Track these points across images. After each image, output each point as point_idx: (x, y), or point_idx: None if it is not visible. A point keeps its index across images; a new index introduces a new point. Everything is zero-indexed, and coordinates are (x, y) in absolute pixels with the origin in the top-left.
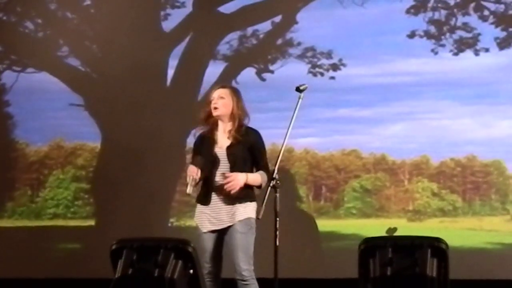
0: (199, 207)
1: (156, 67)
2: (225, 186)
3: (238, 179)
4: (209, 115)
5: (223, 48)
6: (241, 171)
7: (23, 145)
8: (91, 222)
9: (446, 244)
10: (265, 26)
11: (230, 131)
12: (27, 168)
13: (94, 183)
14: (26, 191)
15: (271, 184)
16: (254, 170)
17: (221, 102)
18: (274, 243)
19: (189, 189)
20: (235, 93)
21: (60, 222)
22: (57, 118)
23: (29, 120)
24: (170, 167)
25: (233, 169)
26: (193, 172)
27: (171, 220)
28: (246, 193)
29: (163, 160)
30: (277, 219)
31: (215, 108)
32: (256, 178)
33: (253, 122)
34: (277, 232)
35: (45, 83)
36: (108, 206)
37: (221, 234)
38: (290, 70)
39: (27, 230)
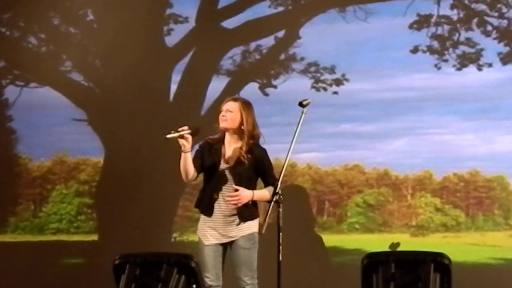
0: (203, 219)
1: (159, 82)
2: (231, 199)
3: (242, 196)
4: (218, 128)
5: (226, 63)
6: (247, 189)
7: (26, 160)
8: (94, 237)
9: (449, 259)
10: (268, 41)
11: (241, 148)
12: (30, 183)
13: (97, 198)
14: (29, 206)
15: (274, 199)
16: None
17: (229, 116)
18: (277, 258)
19: (170, 135)
20: (245, 107)
21: (63, 237)
22: (60, 133)
23: (32, 135)
24: (173, 182)
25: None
26: (184, 127)
27: (174, 235)
28: (249, 212)
29: (166, 175)
30: (280, 234)
31: (223, 120)
32: (263, 194)
33: None
34: (280, 247)
35: (48, 98)
36: (111, 221)
37: (224, 248)
38: (293, 85)
39: (29, 245)
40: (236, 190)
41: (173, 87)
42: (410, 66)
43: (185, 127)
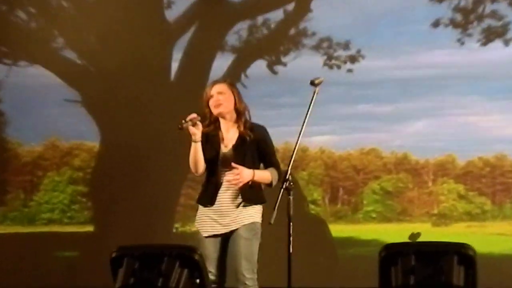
0: (201, 210)
1: (159, 60)
2: (232, 178)
3: (243, 175)
4: (210, 116)
5: (232, 38)
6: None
7: (15, 145)
8: (89, 228)
9: (474, 251)
10: (277, 15)
11: (238, 128)
12: (20, 170)
13: (93, 186)
14: (19, 194)
15: (284, 186)
16: (262, 167)
17: (222, 98)
18: (288, 250)
19: (179, 124)
20: (233, 85)
21: (55, 228)
22: (52, 115)
23: (22, 117)
24: (175, 169)
25: None
26: (194, 114)
27: (176, 225)
28: (254, 194)
29: (167, 161)
30: (291, 224)
31: (218, 105)
32: (264, 175)
33: (264, 119)
34: (291, 238)
35: (39, 78)
36: (108, 210)
37: (224, 239)
38: (304, 62)
39: (20, 236)
40: (236, 169)
41: (174, 65)
42: (431, 42)
43: (195, 115)
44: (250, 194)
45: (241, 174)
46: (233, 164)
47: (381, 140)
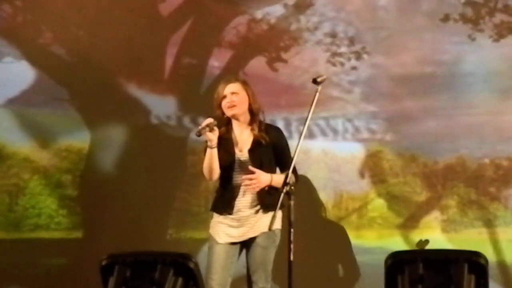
0: (217, 218)
1: (153, 56)
2: (248, 182)
3: (260, 180)
4: (222, 117)
5: (229, 34)
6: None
7: None
8: (78, 234)
9: (486, 259)
10: (277, 9)
11: (252, 131)
12: (4, 173)
13: (82, 190)
14: (3, 199)
15: (284, 190)
16: (278, 171)
17: (237, 99)
18: (288, 257)
19: (197, 131)
20: (247, 84)
21: (42, 234)
22: (38, 114)
23: (6, 116)
24: (169, 171)
25: None
26: (210, 119)
27: (170, 231)
28: (272, 200)
29: (161, 163)
30: (291, 230)
31: (232, 106)
32: (281, 179)
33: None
34: (291, 245)
35: (25, 74)
36: (98, 215)
37: (239, 247)
38: (306, 59)
39: (3, 243)
40: (253, 173)
41: (169, 62)
42: (440, 37)
43: (211, 119)
44: (268, 200)
45: (258, 179)
46: (250, 168)
47: (387, 142)
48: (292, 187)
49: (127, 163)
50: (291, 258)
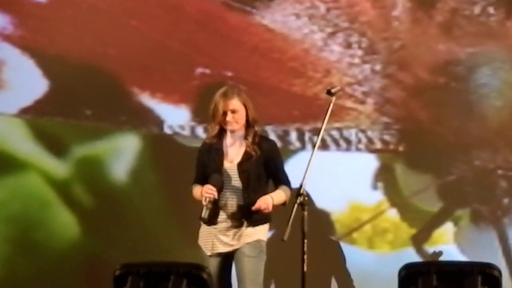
0: (204, 228)
1: (166, 65)
2: (258, 207)
3: (268, 203)
4: (219, 127)
5: (243, 44)
6: (255, 189)
7: None
8: (91, 244)
9: (500, 271)
10: (291, 19)
11: (245, 143)
12: (16, 182)
13: (95, 199)
14: (16, 208)
15: (298, 201)
16: (272, 184)
17: (237, 116)
18: (302, 268)
19: (204, 213)
20: (246, 98)
21: (55, 244)
22: (51, 123)
23: (19, 126)
24: (182, 181)
25: (246, 187)
26: (211, 193)
27: (183, 241)
28: (262, 216)
29: (174, 173)
30: (305, 241)
31: (230, 123)
32: (280, 196)
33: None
34: (305, 256)
35: (38, 83)
36: (111, 225)
37: (229, 259)
38: (319, 69)
39: (16, 253)
40: (253, 205)
41: (182, 71)
42: (453, 48)
43: (212, 195)
44: (256, 216)
45: (266, 203)
46: (255, 207)
47: (400, 153)
48: (306, 198)
49: (140, 173)
50: (305, 269)
